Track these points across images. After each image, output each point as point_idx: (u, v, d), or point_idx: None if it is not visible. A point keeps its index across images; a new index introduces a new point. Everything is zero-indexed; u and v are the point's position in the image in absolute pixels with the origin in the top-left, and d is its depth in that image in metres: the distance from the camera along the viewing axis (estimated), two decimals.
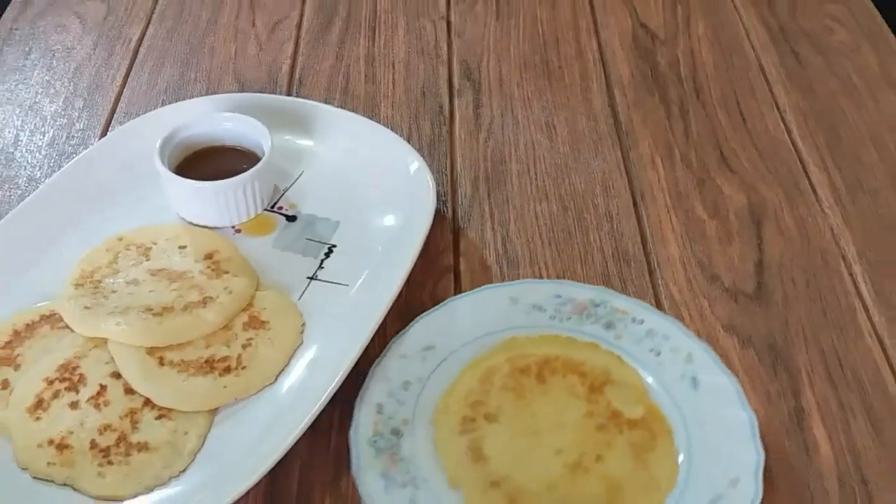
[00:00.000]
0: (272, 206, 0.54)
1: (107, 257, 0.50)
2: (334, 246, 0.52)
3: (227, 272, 0.49)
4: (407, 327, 0.46)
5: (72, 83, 0.66)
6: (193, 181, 0.51)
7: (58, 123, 0.62)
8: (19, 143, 0.61)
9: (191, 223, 0.53)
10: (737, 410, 0.43)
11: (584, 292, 0.48)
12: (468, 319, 0.47)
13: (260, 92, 0.64)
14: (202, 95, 0.64)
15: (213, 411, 0.44)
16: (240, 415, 0.44)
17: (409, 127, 0.61)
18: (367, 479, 0.40)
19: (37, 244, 0.50)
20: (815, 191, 0.57)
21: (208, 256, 0.50)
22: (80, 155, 0.56)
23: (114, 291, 0.47)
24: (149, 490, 0.41)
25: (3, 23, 0.71)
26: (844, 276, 0.52)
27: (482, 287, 0.49)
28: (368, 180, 0.55)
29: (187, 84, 0.65)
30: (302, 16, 0.72)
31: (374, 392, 0.43)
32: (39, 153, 0.60)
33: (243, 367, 0.45)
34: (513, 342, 0.47)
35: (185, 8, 0.73)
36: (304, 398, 0.43)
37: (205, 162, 0.54)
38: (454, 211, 0.56)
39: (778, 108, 0.63)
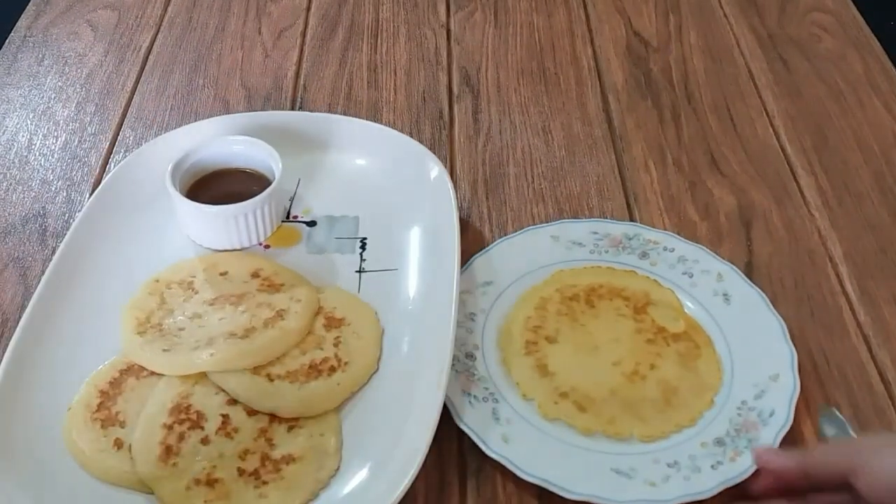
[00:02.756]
0: (286, 218, 0.55)
1: (154, 301, 0.49)
2: (365, 238, 0.53)
3: (282, 284, 0.50)
4: (465, 267, 0.51)
5: (84, 89, 0.67)
6: (215, 206, 0.51)
7: (70, 128, 0.64)
8: (33, 146, 0.62)
9: (211, 249, 0.53)
10: (767, 317, 0.48)
11: (617, 227, 0.54)
12: (517, 257, 0.52)
13: (266, 97, 0.66)
14: (209, 101, 0.65)
15: (337, 409, 0.45)
16: (361, 405, 0.45)
17: (410, 131, 0.63)
18: (453, 397, 0.44)
19: (75, 307, 0.49)
20: (802, 193, 0.59)
21: (255, 275, 0.51)
22: (87, 205, 0.53)
23: (181, 329, 0.47)
24: (315, 496, 0.41)
25: (16, 30, 0.73)
26: (831, 277, 0.53)
27: (525, 229, 0.54)
28: (367, 171, 0.57)
29: (195, 90, 0.67)
30: (306, 24, 0.73)
31: None
32: (52, 156, 0.62)
33: (346, 363, 0.46)
34: (559, 275, 0.51)
35: (194, 16, 0.74)
36: (419, 374, 0.45)
37: (213, 186, 0.54)
38: None
39: (767, 114, 0.64)
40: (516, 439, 0.43)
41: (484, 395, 0.45)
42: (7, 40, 0.72)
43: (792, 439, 0.44)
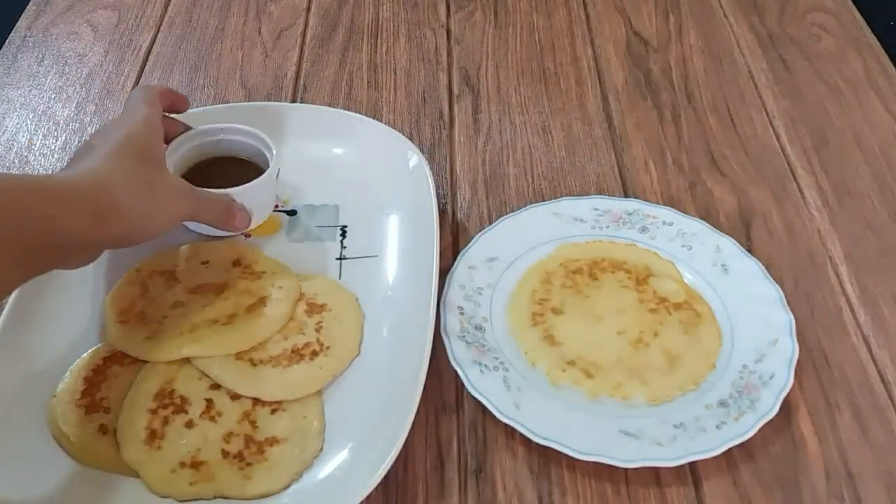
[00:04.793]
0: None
1: (136, 290, 0.49)
2: (345, 226, 0.54)
3: (263, 272, 0.50)
4: (470, 243, 0.52)
5: (84, 89, 0.67)
6: (209, 190, 0.49)
7: (70, 128, 0.64)
8: (33, 146, 0.63)
9: (204, 235, 0.53)
10: (765, 286, 0.50)
11: (618, 204, 0.55)
12: (520, 233, 0.53)
13: (266, 97, 0.66)
14: (210, 101, 0.66)
15: (319, 392, 0.45)
16: (343, 388, 0.46)
17: (410, 131, 0.63)
18: (466, 367, 0.46)
19: (58, 297, 0.49)
20: (802, 193, 0.59)
21: (236, 264, 0.51)
22: None
23: (164, 317, 0.47)
24: (299, 476, 0.42)
25: (16, 30, 0.73)
26: (831, 277, 0.53)
27: (526, 206, 0.55)
28: (347, 160, 0.57)
29: (195, 90, 0.67)
30: (307, 24, 0.73)
31: (454, 297, 0.49)
32: (52, 156, 0.62)
33: (328, 347, 0.47)
34: (562, 249, 0.53)
35: (194, 16, 0.74)
36: (400, 357, 0.46)
37: (206, 173, 0.53)
38: (454, 212, 0.57)
39: (767, 113, 0.65)
40: (527, 405, 0.44)
41: (494, 365, 0.46)
42: (7, 40, 0.72)
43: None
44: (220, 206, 0.48)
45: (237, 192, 0.51)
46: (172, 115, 0.52)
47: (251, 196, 0.51)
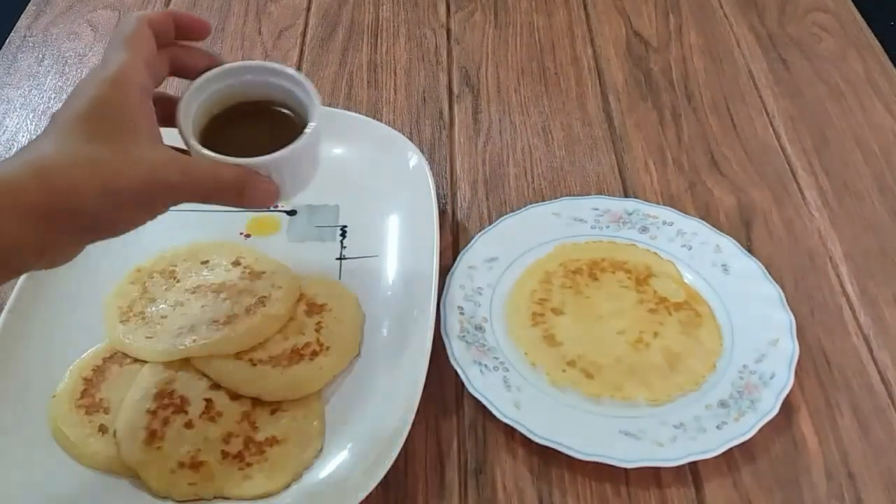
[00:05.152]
0: (268, 207, 0.55)
1: (136, 289, 0.50)
2: (346, 226, 0.54)
3: (263, 272, 0.50)
4: (470, 243, 0.52)
5: None
6: (235, 159, 0.38)
7: None
8: None
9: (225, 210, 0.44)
10: (765, 286, 0.50)
11: (618, 204, 0.55)
12: (520, 233, 0.53)
13: None
14: None
15: (319, 392, 0.46)
16: (343, 388, 0.46)
17: (410, 131, 0.63)
18: (466, 367, 0.46)
19: (58, 297, 0.49)
20: (802, 193, 0.59)
21: (236, 264, 0.51)
22: None
23: (164, 317, 0.48)
24: (299, 476, 0.42)
25: (16, 30, 0.73)
26: (831, 277, 0.53)
27: (526, 206, 0.55)
28: (347, 160, 0.57)
29: None
30: (306, 24, 0.73)
31: (454, 297, 0.49)
32: None
33: (328, 348, 0.47)
34: (562, 249, 0.53)
35: None
36: (400, 357, 0.46)
37: (230, 127, 0.42)
38: (454, 212, 0.57)
39: (767, 114, 0.65)
40: (527, 406, 0.45)
41: (494, 365, 0.47)
42: (7, 40, 0.72)
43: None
44: (228, 181, 0.37)
45: (262, 163, 0.38)
46: (193, 45, 0.40)
47: (283, 165, 0.39)
